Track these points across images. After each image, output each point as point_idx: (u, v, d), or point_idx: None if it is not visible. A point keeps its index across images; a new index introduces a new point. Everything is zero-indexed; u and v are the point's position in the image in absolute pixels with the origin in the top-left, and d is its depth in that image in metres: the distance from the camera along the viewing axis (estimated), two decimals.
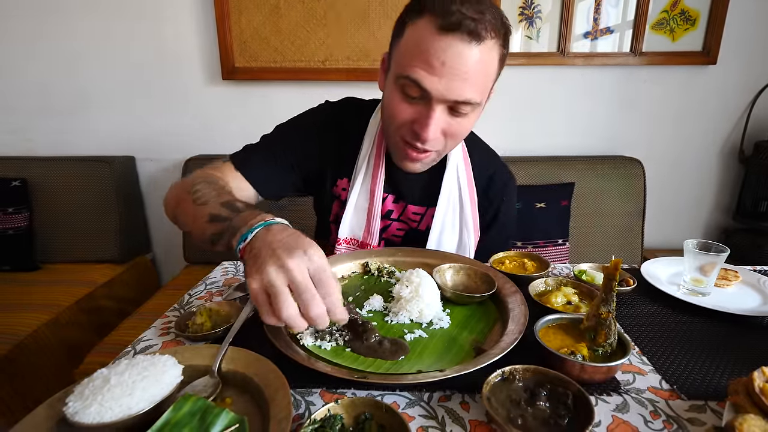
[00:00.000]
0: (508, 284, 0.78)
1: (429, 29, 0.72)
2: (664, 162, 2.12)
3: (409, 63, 0.74)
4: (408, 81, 0.75)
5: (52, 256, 1.99)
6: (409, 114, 0.79)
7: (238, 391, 0.55)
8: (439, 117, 0.77)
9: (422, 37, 0.73)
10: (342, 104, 1.03)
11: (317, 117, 1.01)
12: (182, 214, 0.81)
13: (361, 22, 1.91)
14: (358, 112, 1.01)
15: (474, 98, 0.75)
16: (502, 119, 2.06)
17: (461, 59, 0.71)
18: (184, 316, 0.70)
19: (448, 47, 0.71)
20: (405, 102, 0.79)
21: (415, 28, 0.74)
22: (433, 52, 0.71)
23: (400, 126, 0.82)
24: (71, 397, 0.48)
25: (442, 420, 0.51)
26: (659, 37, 1.93)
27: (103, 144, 2.11)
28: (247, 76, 1.98)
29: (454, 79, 0.72)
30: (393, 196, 1.00)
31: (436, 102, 0.75)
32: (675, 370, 0.61)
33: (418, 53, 0.73)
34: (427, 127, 0.77)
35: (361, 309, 0.74)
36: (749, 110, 2.03)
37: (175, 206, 0.85)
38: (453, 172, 0.98)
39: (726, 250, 0.80)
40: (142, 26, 1.95)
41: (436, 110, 0.76)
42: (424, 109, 0.77)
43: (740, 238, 2.02)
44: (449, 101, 0.75)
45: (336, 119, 1.00)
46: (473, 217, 1.00)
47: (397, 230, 1.04)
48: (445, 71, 0.72)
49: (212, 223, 0.71)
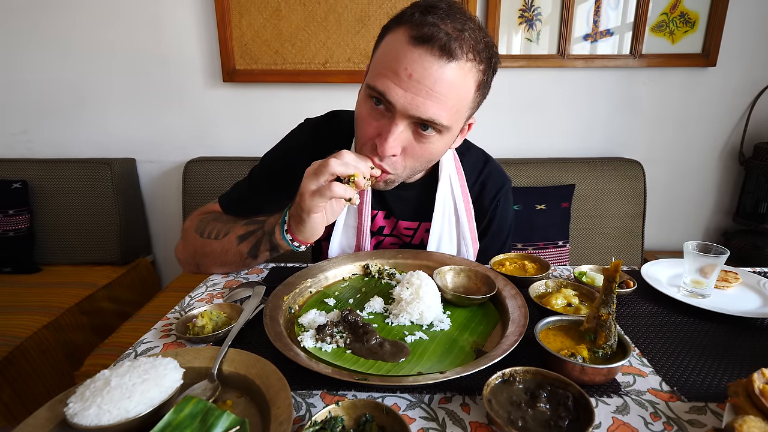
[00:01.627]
0: (508, 286, 0.78)
1: (402, 39, 0.70)
2: (664, 164, 2.12)
3: (379, 72, 0.72)
4: (374, 92, 0.72)
5: (52, 258, 1.99)
6: (373, 128, 0.75)
7: (239, 392, 0.55)
8: (400, 133, 0.73)
9: (395, 47, 0.71)
10: (324, 120, 1.01)
11: (299, 140, 1.00)
12: (206, 256, 0.90)
13: (362, 24, 1.91)
14: (339, 127, 0.98)
15: (440, 119, 0.71)
16: (502, 121, 2.06)
17: (428, 73, 0.68)
18: (185, 318, 0.70)
19: (418, 58, 0.68)
20: (371, 116, 0.76)
21: (391, 37, 0.73)
22: (403, 62, 0.69)
23: (366, 141, 0.77)
24: (72, 398, 0.48)
25: (443, 422, 0.51)
26: (659, 39, 1.94)
27: (103, 146, 2.12)
28: (248, 78, 1.99)
29: (420, 93, 0.69)
30: (383, 212, 0.99)
31: (399, 116, 0.71)
32: (675, 371, 0.61)
33: (388, 62, 0.71)
34: (386, 141, 0.72)
35: (361, 311, 0.75)
36: (749, 112, 2.04)
37: (194, 256, 0.92)
38: (446, 184, 0.96)
39: (726, 251, 0.80)
40: (142, 29, 1.96)
41: (399, 125, 0.72)
42: (387, 123, 0.73)
43: (740, 240, 2.02)
44: (413, 117, 0.71)
45: (317, 138, 0.98)
46: (470, 227, 0.98)
47: (391, 245, 1.03)
48: (411, 84, 0.69)
49: (244, 242, 0.84)
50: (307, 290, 0.81)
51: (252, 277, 0.92)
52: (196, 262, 0.93)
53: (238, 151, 2.09)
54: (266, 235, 0.83)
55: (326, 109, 1.04)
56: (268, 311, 0.69)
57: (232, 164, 1.96)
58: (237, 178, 1.06)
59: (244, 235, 0.85)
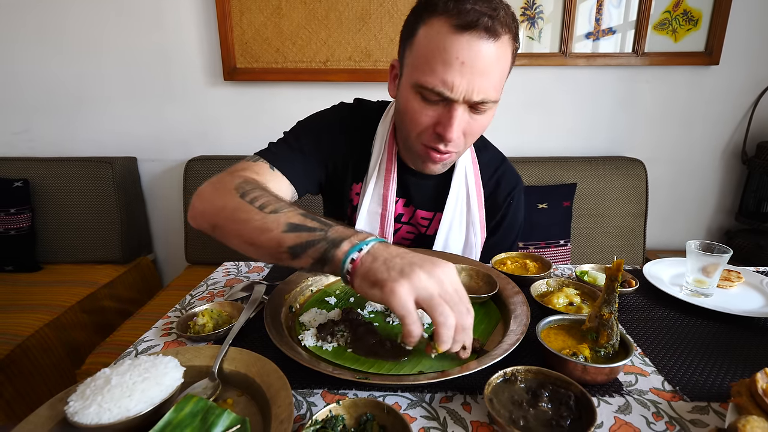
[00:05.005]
0: (509, 285, 0.78)
1: (445, 29, 0.71)
2: (667, 163, 2.11)
3: (427, 66, 0.73)
4: (430, 91, 0.74)
5: (54, 257, 1.99)
6: (430, 118, 0.78)
7: (240, 391, 0.55)
8: (461, 117, 0.76)
9: (438, 39, 0.72)
10: (355, 107, 1.02)
11: (340, 114, 1.00)
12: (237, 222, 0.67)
13: (363, 22, 1.91)
14: (369, 115, 1.00)
15: (493, 96, 0.75)
16: (503, 119, 2.06)
17: (480, 57, 0.71)
18: (185, 316, 0.70)
19: (467, 45, 0.70)
20: (425, 107, 0.78)
21: (428, 29, 0.73)
22: (452, 51, 0.71)
23: (422, 132, 0.81)
24: (73, 396, 0.48)
25: (444, 421, 0.51)
26: (661, 37, 1.93)
27: (104, 145, 2.12)
28: (249, 76, 1.98)
29: (475, 77, 0.72)
30: (404, 200, 1.00)
31: (457, 103, 0.74)
32: (677, 371, 0.61)
33: (436, 54, 0.72)
34: (451, 128, 0.76)
35: (362, 310, 0.74)
36: (752, 111, 2.03)
37: (219, 214, 0.70)
38: (461, 174, 0.97)
39: (729, 251, 0.80)
40: (143, 27, 1.96)
41: (458, 110, 0.75)
42: (445, 111, 0.76)
43: (743, 239, 2.02)
44: (470, 101, 0.74)
45: (353, 119, 0.99)
46: (480, 217, 0.99)
47: (407, 233, 1.04)
48: (465, 70, 0.71)
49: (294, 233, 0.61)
50: (308, 289, 0.81)
51: (253, 276, 0.92)
52: (216, 223, 0.71)
53: (239, 150, 2.09)
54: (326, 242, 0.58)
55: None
56: (269, 310, 0.69)
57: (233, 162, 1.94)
58: None
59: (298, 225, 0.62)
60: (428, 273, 0.51)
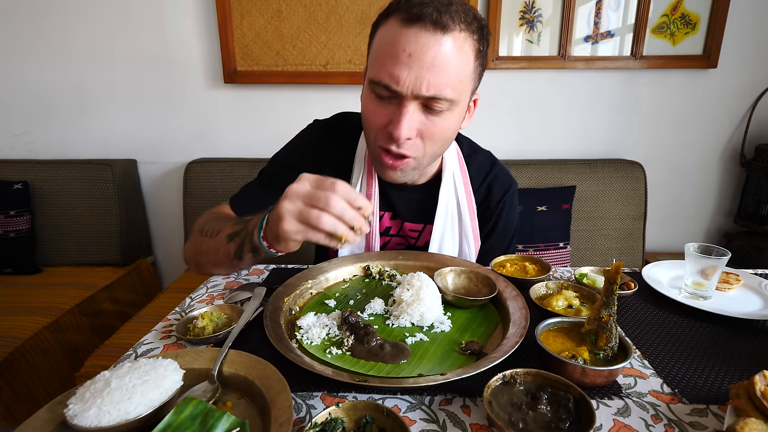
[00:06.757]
0: (509, 288, 0.78)
1: (395, 26, 0.72)
2: (665, 165, 2.12)
3: (379, 63, 0.74)
4: (378, 85, 0.74)
5: (53, 259, 1.99)
6: (383, 117, 0.77)
7: (240, 394, 0.55)
8: (412, 115, 0.74)
9: (388, 35, 0.73)
10: (333, 122, 1.01)
11: (310, 136, 1.00)
12: (203, 254, 0.86)
13: (363, 26, 1.91)
14: (348, 130, 0.98)
15: (445, 93, 0.72)
16: (503, 122, 2.06)
17: (426, 49, 0.70)
18: (185, 319, 0.70)
19: (414, 37, 0.70)
20: (379, 105, 0.77)
21: (382, 30, 0.75)
22: (399, 44, 0.71)
23: (376, 132, 0.79)
24: (72, 399, 0.48)
25: (443, 424, 0.51)
26: (660, 40, 1.94)
27: (104, 147, 2.12)
28: (249, 79, 1.99)
29: (423, 70, 0.70)
30: (389, 213, 0.99)
31: (407, 98, 0.73)
32: (676, 373, 0.61)
33: (386, 49, 0.73)
34: (399, 124, 0.73)
35: (362, 312, 0.74)
36: (750, 113, 2.04)
37: (194, 255, 0.89)
38: (449, 184, 0.96)
39: (727, 253, 0.80)
40: (144, 30, 1.96)
41: (408, 107, 0.73)
42: (396, 108, 0.75)
43: (741, 242, 2.02)
44: (420, 96, 0.72)
45: (328, 138, 0.98)
46: (473, 227, 0.98)
47: (397, 245, 1.03)
48: (413, 63, 0.70)
49: (231, 241, 0.77)
50: (307, 291, 0.81)
51: (252, 279, 0.92)
52: (196, 262, 0.89)
53: (239, 153, 2.09)
54: (248, 236, 0.73)
55: (327, 111, 1.04)
56: (269, 312, 0.69)
57: (233, 165, 1.96)
58: (238, 179, 1.07)
59: (232, 234, 0.77)
60: (287, 198, 0.62)
